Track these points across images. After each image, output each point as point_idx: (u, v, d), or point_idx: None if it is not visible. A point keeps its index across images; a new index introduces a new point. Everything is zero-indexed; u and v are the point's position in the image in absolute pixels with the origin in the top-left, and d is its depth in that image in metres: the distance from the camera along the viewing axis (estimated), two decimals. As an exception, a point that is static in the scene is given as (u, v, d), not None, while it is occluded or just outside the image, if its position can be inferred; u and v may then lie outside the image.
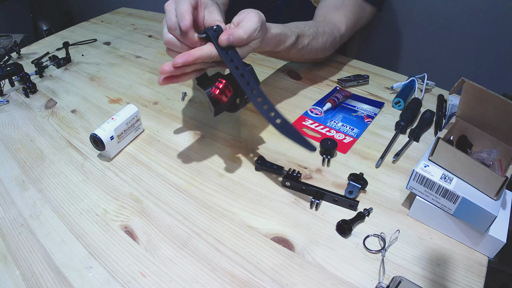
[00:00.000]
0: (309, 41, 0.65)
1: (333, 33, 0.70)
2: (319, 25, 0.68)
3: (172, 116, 0.65)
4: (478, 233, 0.40)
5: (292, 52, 0.64)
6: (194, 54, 0.43)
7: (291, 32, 0.60)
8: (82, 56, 0.89)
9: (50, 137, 0.61)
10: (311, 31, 0.65)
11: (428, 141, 0.58)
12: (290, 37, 0.59)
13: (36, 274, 0.40)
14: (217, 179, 0.52)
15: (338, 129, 0.61)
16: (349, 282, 0.38)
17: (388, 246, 0.42)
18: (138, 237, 0.44)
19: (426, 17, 1.00)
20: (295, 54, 0.65)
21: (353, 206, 0.46)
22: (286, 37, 0.58)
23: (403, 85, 0.69)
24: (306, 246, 0.42)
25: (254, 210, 0.47)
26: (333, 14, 0.73)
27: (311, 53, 0.68)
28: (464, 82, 0.42)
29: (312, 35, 0.65)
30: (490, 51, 0.95)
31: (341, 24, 0.73)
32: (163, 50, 0.90)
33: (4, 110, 0.69)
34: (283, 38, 0.58)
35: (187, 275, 0.39)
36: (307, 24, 0.66)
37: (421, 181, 0.42)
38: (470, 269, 0.40)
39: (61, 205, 0.48)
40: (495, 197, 0.39)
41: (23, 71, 0.75)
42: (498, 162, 0.43)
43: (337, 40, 0.72)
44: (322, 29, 0.68)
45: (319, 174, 0.52)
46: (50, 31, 1.87)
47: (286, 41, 0.59)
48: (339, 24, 0.72)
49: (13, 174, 0.54)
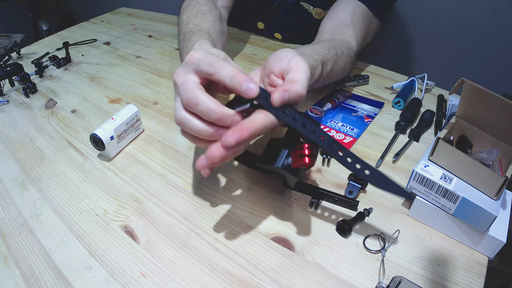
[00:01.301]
0: (332, 66, 0.59)
1: (350, 53, 0.66)
2: (336, 46, 0.62)
3: (172, 116, 0.65)
4: (478, 233, 0.40)
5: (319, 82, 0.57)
6: (249, 127, 0.34)
7: (316, 62, 0.53)
8: (82, 56, 0.89)
9: (50, 137, 0.61)
10: (331, 55, 0.59)
11: (428, 141, 0.58)
12: (317, 67, 0.53)
13: (36, 274, 0.40)
14: (217, 179, 0.51)
15: (338, 129, 0.61)
16: (349, 282, 0.38)
17: (388, 246, 0.42)
18: (138, 237, 0.44)
19: (426, 17, 1.00)
20: (320, 84, 0.60)
21: (353, 206, 0.46)
22: (314, 69, 0.52)
23: (403, 85, 0.69)
24: (306, 246, 0.42)
25: (254, 210, 0.47)
26: (342, 31, 0.69)
27: (332, 77, 0.63)
28: (464, 82, 0.42)
29: (333, 59, 0.60)
30: (490, 51, 0.95)
31: (351, 39, 0.69)
32: (163, 50, 0.90)
33: (4, 110, 0.69)
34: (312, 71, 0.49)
35: (187, 275, 0.39)
36: (324, 46, 0.60)
37: (421, 181, 0.42)
38: (470, 269, 0.40)
39: (61, 205, 0.48)
40: (495, 197, 0.39)
41: (23, 71, 0.75)
42: (498, 162, 0.43)
43: (353, 60, 0.69)
44: (341, 51, 0.63)
45: (319, 174, 0.52)
46: (50, 31, 1.87)
47: (314, 73, 0.52)
48: (351, 42, 0.69)
49: (13, 174, 0.54)
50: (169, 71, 0.81)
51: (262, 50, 0.89)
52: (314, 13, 0.83)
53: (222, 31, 0.64)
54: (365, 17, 0.72)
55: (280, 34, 0.93)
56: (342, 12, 0.72)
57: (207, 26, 0.58)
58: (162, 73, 0.80)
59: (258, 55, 0.87)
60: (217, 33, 0.59)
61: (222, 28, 0.65)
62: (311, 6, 0.82)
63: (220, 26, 0.64)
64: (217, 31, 0.60)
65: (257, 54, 0.87)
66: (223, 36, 0.65)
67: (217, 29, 0.60)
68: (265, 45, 0.92)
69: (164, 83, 0.76)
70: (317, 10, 0.82)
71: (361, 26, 0.72)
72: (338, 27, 0.71)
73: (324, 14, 0.81)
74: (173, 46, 0.93)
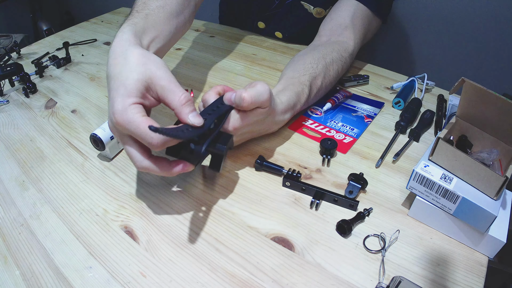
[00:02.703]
0: (322, 79, 0.61)
1: (342, 56, 0.67)
2: (326, 55, 0.64)
3: (172, 116, 0.65)
4: (478, 233, 0.40)
5: (310, 101, 0.61)
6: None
7: (302, 85, 0.57)
8: (82, 56, 0.89)
9: (50, 137, 0.61)
10: (320, 68, 0.61)
11: (428, 141, 0.58)
12: (302, 93, 0.57)
13: (36, 274, 0.40)
14: (217, 179, 0.51)
15: (338, 129, 0.61)
16: (349, 282, 0.38)
17: (388, 246, 0.42)
18: (138, 237, 0.44)
19: (426, 17, 1.00)
20: (312, 100, 0.62)
21: (353, 206, 0.46)
22: (299, 96, 0.56)
23: (403, 85, 0.69)
24: (306, 246, 0.42)
25: (254, 210, 0.47)
26: (340, 32, 0.70)
27: (327, 87, 0.65)
28: (464, 82, 0.42)
29: (323, 72, 0.61)
30: (490, 51, 0.95)
31: (349, 41, 0.69)
32: (163, 50, 0.90)
33: (4, 110, 0.69)
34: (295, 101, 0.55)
35: (187, 275, 0.39)
36: (313, 60, 0.62)
37: (421, 181, 0.42)
38: (470, 269, 0.40)
39: (61, 205, 0.48)
40: (495, 197, 0.39)
41: (23, 71, 0.75)
42: (498, 162, 0.43)
43: (347, 61, 0.69)
44: (330, 58, 0.64)
45: (319, 174, 0.52)
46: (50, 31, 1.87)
47: (301, 98, 0.56)
48: (347, 42, 0.69)
49: (13, 174, 0.54)
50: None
51: (262, 50, 0.89)
52: (314, 12, 0.83)
53: (180, 11, 0.58)
54: (365, 17, 0.72)
55: (280, 33, 0.93)
56: (342, 13, 0.72)
57: (154, 6, 0.53)
58: (162, 73, 0.80)
59: (258, 55, 0.87)
60: (166, 13, 0.54)
61: (182, 7, 0.58)
62: (312, 6, 0.82)
63: (178, 4, 0.57)
64: (167, 11, 0.54)
65: (257, 54, 0.87)
66: (179, 17, 0.58)
67: (168, 9, 0.54)
68: (265, 45, 0.92)
69: (164, 83, 0.76)
70: (317, 9, 0.82)
71: (361, 27, 0.71)
72: (337, 28, 0.71)
73: (325, 13, 0.81)
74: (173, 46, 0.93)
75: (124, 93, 0.38)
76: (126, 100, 0.38)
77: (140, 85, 0.39)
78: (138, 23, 0.48)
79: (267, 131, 0.56)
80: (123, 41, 0.43)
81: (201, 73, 0.80)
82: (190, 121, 0.38)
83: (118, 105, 0.38)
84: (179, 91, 0.40)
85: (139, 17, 0.49)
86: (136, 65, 0.40)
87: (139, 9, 0.52)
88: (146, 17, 0.50)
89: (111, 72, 0.41)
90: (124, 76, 0.39)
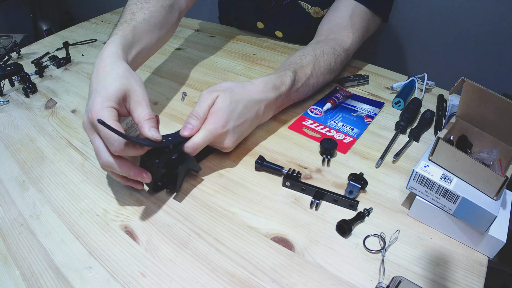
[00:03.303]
0: (311, 69, 0.62)
1: (335, 50, 0.67)
2: (316, 48, 0.65)
3: (172, 116, 0.65)
4: (478, 233, 0.40)
5: (301, 88, 0.61)
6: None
7: (284, 70, 0.58)
8: (82, 56, 0.89)
9: (50, 137, 0.61)
10: (309, 59, 0.62)
11: (428, 141, 0.58)
12: (285, 76, 0.57)
13: (36, 274, 0.40)
14: (217, 179, 0.52)
15: (338, 129, 0.61)
16: (349, 282, 0.38)
17: (388, 246, 0.42)
18: (138, 237, 0.44)
19: (426, 17, 1.00)
20: (304, 88, 0.62)
21: (353, 206, 0.46)
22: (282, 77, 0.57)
23: (403, 85, 0.69)
24: (306, 246, 0.42)
25: (254, 210, 0.47)
26: (338, 31, 0.70)
27: (319, 79, 0.65)
28: (464, 82, 0.42)
29: (311, 62, 0.62)
30: (490, 51, 0.95)
31: (346, 38, 0.69)
32: (163, 50, 0.90)
33: (4, 110, 0.69)
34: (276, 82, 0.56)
35: (187, 275, 0.39)
36: (302, 54, 0.64)
37: (421, 181, 0.42)
38: (470, 269, 0.40)
39: (61, 205, 0.48)
40: (495, 197, 0.39)
41: (23, 71, 0.75)
42: (498, 162, 0.43)
43: (342, 55, 0.68)
44: (321, 51, 0.65)
45: (319, 174, 0.52)
46: (50, 31, 1.87)
47: (285, 81, 0.57)
48: (343, 39, 0.69)
49: (13, 174, 0.54)
50: (169, 71, 0.81)
51: (262, 50, 0.90)
52: (312, 12, 0.83)
53: (163, 23, 0.62)
54: (364, 16, 0.72)
55: (281, 32, 0.93)
56: (340, 13, 0.72)
57: (140, 18, 0.57)
58: (162, 73, 0.80)
59: (258, 55, 0.87)
60: (150, 26, 0.59)
61: (166, 19, 0.63)
62: (309, 5, 0.82)
63: (162, 16, 0.62)
64: (151, 24, 0.59)
65: (257, 54, 0.87)
66: (162, 29, 0.62)
67: (152, 22, 0.59)
68: (265, 45, 0.92)
69: (164, 83, 0.76)
70: (315, 9, 0.82)
71: (360, 26, 0.72)
72: (335, 28, 0.71)
73: (322, 13, 0.81)
74: (173, 46, 0.93)
75: (105, 96, 0.43)
76: (105, 102, 0.43)
77: (119, 93, 0.44)
78: (127, 36, 0.53)
79: (260, 121, 0.57)
80: (112, 54, 0.49)
81: (201, 73, 0.80)
82: (149, 134, 0.43)
83: (97, 104, 0.42)
84: (147, 108, 0.45)
85: (128, 29, 0.55)
86: (120, 77, 0.45)
87: (127, 19, 0.57)
88: (134, 30, 0.55)
89: (98, 76, 0.46)
90: (108, 83, 0.44)
